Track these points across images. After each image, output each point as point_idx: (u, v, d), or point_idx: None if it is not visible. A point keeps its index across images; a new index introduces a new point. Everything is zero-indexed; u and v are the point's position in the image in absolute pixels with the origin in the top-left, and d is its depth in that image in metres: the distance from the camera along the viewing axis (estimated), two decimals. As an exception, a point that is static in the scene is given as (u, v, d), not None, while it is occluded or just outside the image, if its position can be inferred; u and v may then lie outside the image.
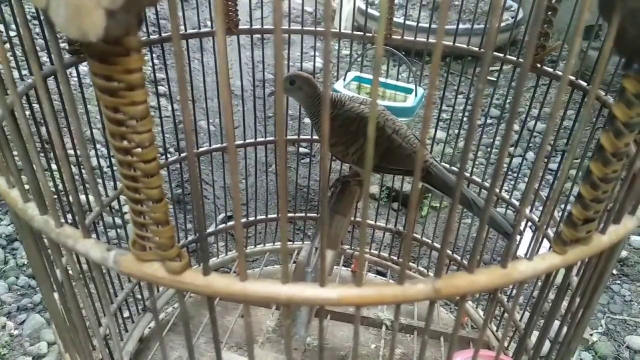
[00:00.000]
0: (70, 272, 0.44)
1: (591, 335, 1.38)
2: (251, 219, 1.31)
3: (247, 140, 1.18)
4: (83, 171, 1.06)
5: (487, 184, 1.10)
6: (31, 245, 0.45)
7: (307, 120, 1.95)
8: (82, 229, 0.36)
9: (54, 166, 0.86)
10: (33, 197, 0.39)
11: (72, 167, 0.99)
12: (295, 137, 1.24)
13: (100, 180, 1.04)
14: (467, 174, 1.10)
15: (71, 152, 0.97)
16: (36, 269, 0.49)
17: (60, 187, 0.85)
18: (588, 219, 0.35)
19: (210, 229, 1.29)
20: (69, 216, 0.93)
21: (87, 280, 0.96)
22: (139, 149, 0.29)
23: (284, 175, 0.30)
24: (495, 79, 2.52)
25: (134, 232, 0.33)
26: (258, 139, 1.21)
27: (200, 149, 1.14)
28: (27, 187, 0.39)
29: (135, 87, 0.27)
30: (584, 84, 0.81)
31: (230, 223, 1.32)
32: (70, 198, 0.86)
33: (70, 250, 0.37)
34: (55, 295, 0.52)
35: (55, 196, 0.85)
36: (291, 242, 1.31)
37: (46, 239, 0.44)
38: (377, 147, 0.89)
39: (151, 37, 0.96)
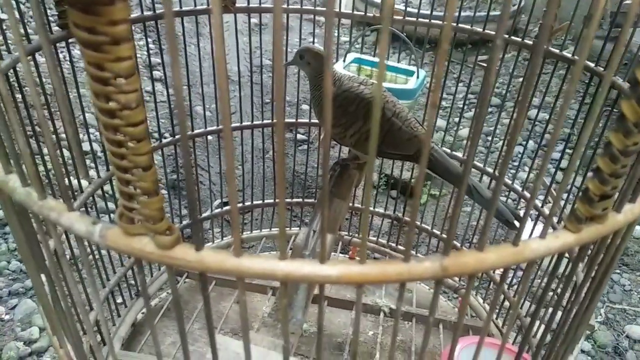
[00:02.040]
0: (56, 250, 0.42)
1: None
2: (247, 204, 1.28)
3: (244, 123, 1.15)
4: (74, 155, 1.04)
5: (488, 170, 1.08)
6: (14, 221, 0.43)
7: (305, 106, 1.93)
8: (66, 201, 0.34)
9: (45, 150, 0.84)
10: (14, 169, 0.36)
11: (64, 150, 0.97)
12: (293, 120, 1.21)
13: (93, 165, 1.01)
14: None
15: (63, 135, 0.94)
16: (21, 248, 0.47)
17: (53, 173, 0.83)
18: (605, 195, 0.33)
19: (206, 214, 1.27)
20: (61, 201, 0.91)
21: (78, 265, 0.94)
22: (126, 111, 0.27)
23: (281, 152, 0.28)
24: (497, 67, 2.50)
25: (120, 203, 0.31)
26: (255, 122, 1.18)
27: (196, 131, 1.12)
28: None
29: (120, 41, 0.25)
30: (592, 64, 0.79)
31: (226, 208, 1.30)
32: (62, 182, 0.84)
33: (54, 224, 0.35)
34: (43, 277, 0.49)
35: (46, 180, 0.83)
36: (288, 228, 1.29)
37: (31, 214, 0.41)
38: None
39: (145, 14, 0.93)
